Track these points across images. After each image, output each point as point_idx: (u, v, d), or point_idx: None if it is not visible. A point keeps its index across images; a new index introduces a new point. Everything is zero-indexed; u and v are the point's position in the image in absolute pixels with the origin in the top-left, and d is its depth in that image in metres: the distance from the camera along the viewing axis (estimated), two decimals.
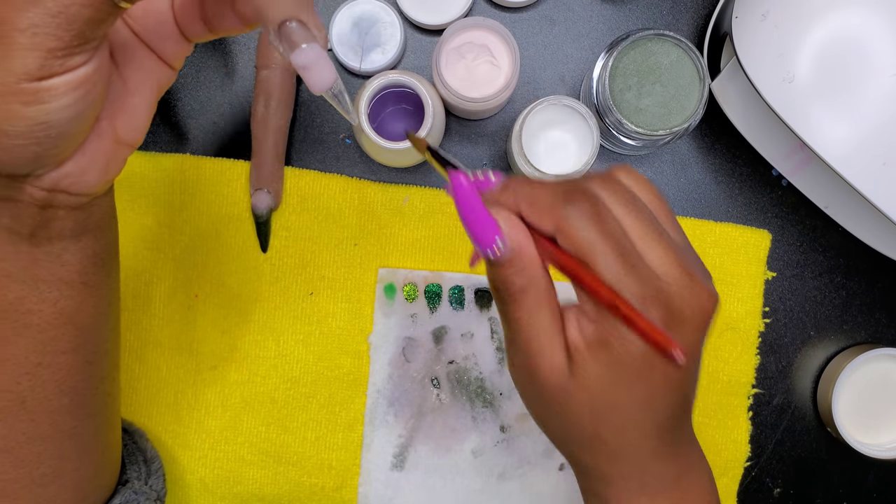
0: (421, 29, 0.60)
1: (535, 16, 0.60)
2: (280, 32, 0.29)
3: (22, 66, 0.27)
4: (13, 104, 0.28)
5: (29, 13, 0.27)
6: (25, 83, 0.27)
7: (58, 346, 0.36)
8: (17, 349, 0.35)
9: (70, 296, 0.36)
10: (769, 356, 0.61)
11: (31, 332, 0.35)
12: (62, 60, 0.28)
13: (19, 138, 0.29)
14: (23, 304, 0.34)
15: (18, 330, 0.35)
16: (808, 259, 0.61)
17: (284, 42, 0.30)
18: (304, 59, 0.30)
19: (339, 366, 0.59)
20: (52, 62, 0.28)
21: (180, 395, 0.59)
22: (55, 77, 0.28)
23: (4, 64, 0.27)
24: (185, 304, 0.59)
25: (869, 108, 0.47)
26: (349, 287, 0.59)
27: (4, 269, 0.33)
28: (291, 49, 0.30)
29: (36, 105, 0.28)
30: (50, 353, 0.36)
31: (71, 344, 0.37)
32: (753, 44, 0.50)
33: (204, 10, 0.33)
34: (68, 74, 0.28)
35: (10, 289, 0.34)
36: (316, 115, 0.60)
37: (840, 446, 0.61)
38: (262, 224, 0.57)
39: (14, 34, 0.27)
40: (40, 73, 0.28)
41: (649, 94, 0.54)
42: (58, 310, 0.36)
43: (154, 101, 0.35)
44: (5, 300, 0.34)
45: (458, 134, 0.60)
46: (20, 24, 0.27)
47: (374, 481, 0.59)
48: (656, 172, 0.61)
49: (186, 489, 0.59)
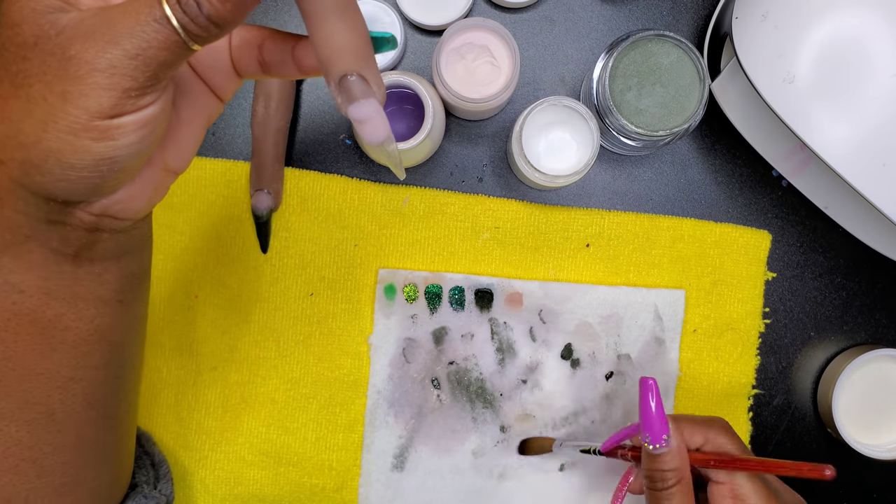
0: (421, 29, 0.60)
1: (535, 16, 0.60)
2: (340, 84, 0.30)
3: (97, 104, 0.28)
4: (84, 139, 0.29)
5: (108, 54, 0.28)
6: (98, 121, 0.28)
7: (90, 362, 0.37)
8: (51, 364, 0.36)
9: (106, 313, 0.37)
10: (769, 357, 0.61)
11: (66, 348, 0.36)
12: (134, 100, 0.29)
13: (84, 171, 0.30)
14: (61, 321, 0.35)
15: (54, 346, 0.35)
16: (808, 259, 0.61)
17: (343, 94, 0.30)
18: (362, 113, 0.30)
19: (339, 366, 0.59)
20: (124, 101, 0.28)
21: (181, 395, 0.59)
22: (126, 115, 0.29)
23: (80, 101, 0.28)
24: (185, 304, 0.59)
25: (869, 109, 0.47)
26: (349, 288, 0.59)
27: (46, 288, 0.34)
28: (349, 102, 0.30)
29: (105, 141, 0.29)
30: (82, 368, 0.37)
31: (103, 359, 0.38)
32: (753, 44, 0.50)
33: (262, 54, 0.34)
34: (138, 113, 0.29)
35: (50, 306, 0.35)
36: (316, 116, 0.60)
37: (840, 446, 0.61)
38: (263, 225, 0.57)
39: (93, 73, 0.28)
40: (113, 111, 0.28)
41: (649, 94, 0.54)
42: (94, 327, 0.36)
43: (203, 132, 0.36)
44: (44, 317, 0.35)
45: (458, 134, 0.60)
46: (99, 64, 0.28)
47: (374, 482, 0.59)
48: (656, 172, 0.61)
49: (187, 490, 0.59)
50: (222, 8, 0.27)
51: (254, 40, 0.34)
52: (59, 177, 0.30)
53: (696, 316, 0.60)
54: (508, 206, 0.60)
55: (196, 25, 0.28)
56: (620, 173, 0.61)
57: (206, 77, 0.35)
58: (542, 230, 0.60)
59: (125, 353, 0.39)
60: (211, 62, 0.34)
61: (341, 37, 0.29)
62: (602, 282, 0.60)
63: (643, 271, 0.60)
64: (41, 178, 0.30)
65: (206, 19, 0.28)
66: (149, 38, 0.27)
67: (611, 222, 0.60)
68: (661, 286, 0.60)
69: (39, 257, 0.33)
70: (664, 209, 0.61)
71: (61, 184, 0.30)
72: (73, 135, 0.28)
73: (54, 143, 0.29)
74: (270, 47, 0.34)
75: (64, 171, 0.29)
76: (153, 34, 0.27)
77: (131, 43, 0.27)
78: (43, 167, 0.29)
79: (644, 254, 0.60)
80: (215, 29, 0.28)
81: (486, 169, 0.60)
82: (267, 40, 0.34)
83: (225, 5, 0.27)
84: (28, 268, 0.33)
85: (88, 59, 0.28)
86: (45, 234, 0.32)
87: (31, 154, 0.29)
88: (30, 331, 0.34)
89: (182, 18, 0.27)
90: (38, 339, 0.35)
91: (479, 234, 0.60)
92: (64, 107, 0.28)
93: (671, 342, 0.60)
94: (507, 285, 0.59)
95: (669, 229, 0.60)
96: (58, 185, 0.30)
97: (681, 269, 0.60)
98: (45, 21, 0.28)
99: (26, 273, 0.33)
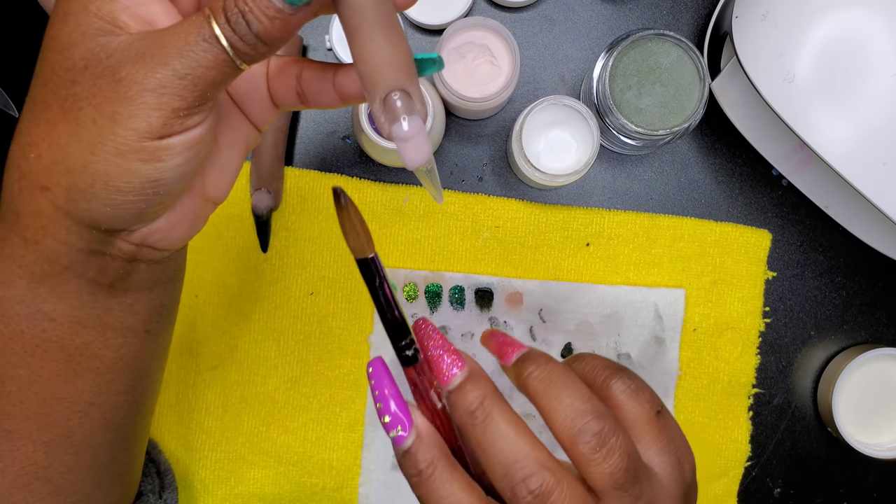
0: (421, 29, 0.60)
1: (535, 16, 0.60)
2: (385, 103, 0.29)
3: (146, 124, 0.28)
4: (132, 161, 0.29)
5: (158, 73, 0.28)
6: (147, 142, 0.28)
7: (113, 388, 0.37)
8: (74, 389, 0.36)
9: (133, 343, 0.37)
10: (769, 356, 0.61)
11: (90, 375, 0.36)
12: (182, 120, 0.29)
13: (130, 194, 0.29)
14: (88, 349, 0.35)
15: (79, 372, 0.36)
16: (808, 259, 0.61)
17: (388, 112, 0.29)
18: (406, 132, 0.29)
19: (339, 366, 0.59)
20: (173, 121, 0.28)
21: (181, 395, 0.59)
22: (174, 136, 0.29)
23: (130, 122, 0.28)
24: (185, 304, 0.59)
25: (869, 108, 0.47)
26: (349, 287, 0.59)
27: (77, 317, 0.34)
28: (393, 121, 0.29)
29: (152, 163, 0.29)
30: (104, 395, 0.37)
31: (125, 386, 0.38)
32: (753, 44, 0.50)
33: (301, 84, 0.34)
34: (185, 134, 0.29)
35: (79, 334, 0.35)
36: (316, 115, 0.60)
37: (840, 446, 0.61)
38: (263, 224, 0.57)
39: (143, 94, 0.28)
40: (161, 131, 0.28)
41: (649, 93, 0.54)
42: (119, 355, 0.36)
43: (241, 161, 0.36)
44: (72, 345, 0.35)
45: (458, 134, 0.60)
46: (148, 84, 0.28)
47: (374, 481, 0.59)
48: (656, 172, 0.61)
49: (187, 490, 0.59)
50: (271, 26, 0.27)
51: (292, 70, 0.34)
52: (104, 201, 0.29)
53: (696, 315, 0.60)
54: (508, 206, 0.60)
55: (245, 44, 0.28)
56: (620, 172, 0.61)
57: (244, 105, 0.35)
58: (542, 229, 0.60)
59: (147, 380, 0.40)
60: (249, 91, 0.34)
61: (386, 52, 0.29)
62: (602, 281, 0.60)
63: (643, 270, 0.60)
64: (86, 203, 0.30)
65: (255, 37, 0.28)
66: (198, 58, 0.28)
67: (611, 221, 0.60)
68: (661, 285, 0.60)
69: (75, 287, 0.33)
70: (664, 208, 0.61)
71: (106, 209, 0.30)
72: (122, 157, 0.28)
73: (101, 167, 0.29)
74: (309, 76, 0.33)
75: (110, 196, 0.29)
76: (202, 53, 0.28)
77: (181, 63, 0.28)
78: (89, 192, 0.29)
79: (644, 253, 0.60)
80: (263, 47, 0.28)
81: (486, 168, 0.60)
82: (306, 70, 0.34)
83: (273, 23, 0.27)
84: (62, 297, 0.33)
85: (139, 79, 0.28)
86: (84, 265, 0.32)
87: (77, 179, 0.29)
88: (57, 357, 0.35)
89: (231, 37, 0.28)
90: (64, 366, 0.35)
91: (479, 233, 0.60)
92: (113, 129, 0.28)
93: (671, 341, 0.60)
94: (508, 284, 0.59)
95: (669, 228, 0.60)
96: (103, 210, 0.30)
97: (681, 268, 0.60)
98: (94, 44, 0.28)
99: (59, 302, 0.33)
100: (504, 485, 0.30)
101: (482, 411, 0.31)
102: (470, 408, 0.31)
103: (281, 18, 0.28)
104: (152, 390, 0.41)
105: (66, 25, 0.29)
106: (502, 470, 0.30)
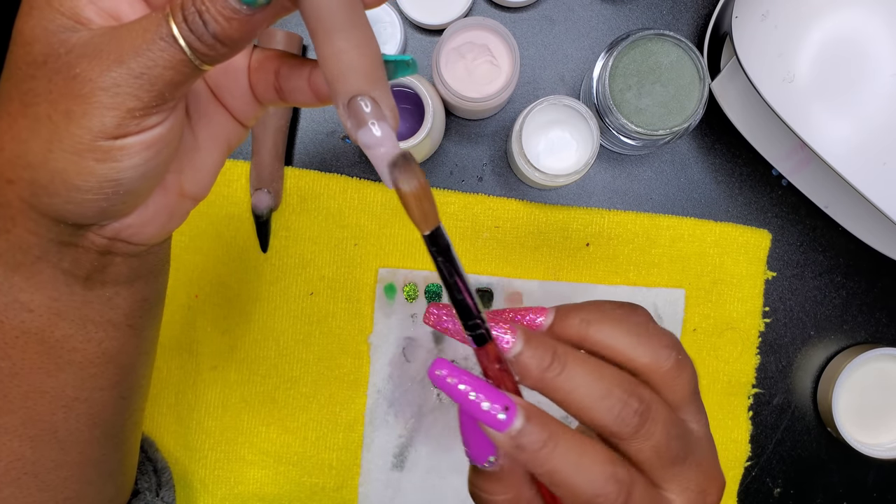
0: (421, 29, 0.60)
1: (535, 16, 0.60)
2: (349, 107, 0.28)
3: (100, 124, 0.27)
4: (88, 160, 0.28)
5: (112, 73, 0.27)
6: (101, 141, 0.28)
7: (97, 383, 0.37)
8: (56, 382, 0.36)
9: (115, 337, 0.36)
10: (769, 356, 0.61)
11: (72, 369, 0.36)
12: (139, 121, 0.28)
13: (89, 193, 0.29)
14: (68, 342, 0.35)
15: (61, 365, 0.35)
16: (808, 259, 0.61)
17: (352, 117, 0.28)
18: (371, 139, 0.28)
19: (339, 366, 0.59)
20: (128, 122, 0.28)
21: (181, 395, 0.59)
22: (130, 136, 0.28)
23: (83, 121, 0.27)
24: (185, 304, 0.59)
25: (869, 108, 0.47)
26: (349, 287, 0.59)
27: (56, 308, 0.34)
28: (358, 126, 0.28)
29: (108, 163, 0.28)
30: (88, 389, 0.37)
31: (110, 381, 0.37)
32: (753, 44, 0.50)
33: (278, 80, 0.33)
34: (143, 134, 0.29)
35: (59, 326, 0.34)
36: (316, 115, 0.60)
37: (840, 446, 0.61)
38: (262, 224, 0.57)
39: (97, 92, 0.27)
40: (116, 131, 0.28)
41: (649, 93, 0.54)
42: (101, 350, 0.36)
43: (223, 158, 0.35)
44: (52, 337, 0.34)
45: (458, 134, 0.60)
46: (103, 82, 0.27)
47: (374, 481, 0.59)
48: (656, 172, 0.61)
49: (187, 490, 0.59)
50: (228, 26, 0.27)
51: (271, 65, 0.33)
52: (65, 199, 0.29)
53: (695, 315, 0.60)
54: (508, 206, 0.60)
55: (202, 44, 0.27)
56: (620, 172, 0.61)
57: (225, 101, 0.34)
58: (542, 229, 0.60)
59: (133, 376, 0.39)
60: (229, 85, 0.34)
61: (349, 55, 0.27)
62: (602, 281, 0.60)
63: (643, 270, 0.60)
64: (48, 199, 0.29)
65: (213, 38, 0.27)
66: (155, 57, 0.27)
67: (611, 222, 0.60)
68: (660, 285, 0.60)
69: (50, 278, 0.33)
70: (664, 208, 0.61)
71: (69, 206, 0.29)
72: (78, 155, 0.28)
73: (60, 164, 0.28)
74: (286, 73, 0.33)
75: (70, 193, 0.29)
76: (159, 52, 0.27)
77: (136, 62, 0.27)
78: (50, 188, 0.29)
79: (644, 253, 0.60)
80: (222, 48, 0.27)
81: (485, 168, 0.60)
82: (283, 66, 0.33)
83: (231, 23, 0.27)
84: (38, 287, 0.33)
85: (93, 77, 0.27)
86: (57, 256, 0.32)
87: (38, 174, 0.29)
88: (37, 349, 0.34)
89: (188, 37, 0.27)
90: (45, 358, 0.35)
91: (479, 233, 0.60)
92: (68, 126, 0.28)
93: None
94: (507, 284, 0.59)
95: (669, 228, 0.60)
96: (65, 207, 0.29)
97: (681, 268, 0.60)
98: (55, 40, 0.28)
99: (36, 292, 0.33)
100: (605, 415, 0.29)
101: (558, 362, 0.29)
102: (543, 363, 0.29)
103: (238, 19, 0.27)
104: (140, 387, 0.41)
105: (31, 19, 0.28)
106: (596, 403, 0.29)
